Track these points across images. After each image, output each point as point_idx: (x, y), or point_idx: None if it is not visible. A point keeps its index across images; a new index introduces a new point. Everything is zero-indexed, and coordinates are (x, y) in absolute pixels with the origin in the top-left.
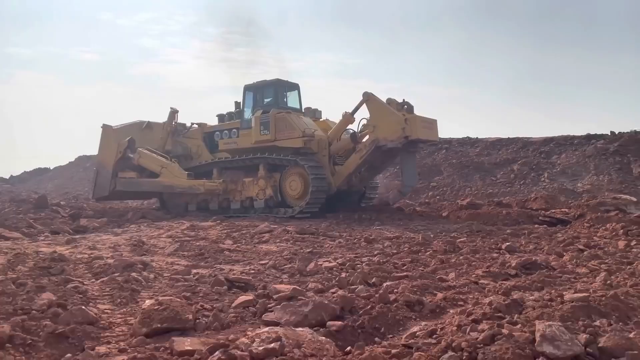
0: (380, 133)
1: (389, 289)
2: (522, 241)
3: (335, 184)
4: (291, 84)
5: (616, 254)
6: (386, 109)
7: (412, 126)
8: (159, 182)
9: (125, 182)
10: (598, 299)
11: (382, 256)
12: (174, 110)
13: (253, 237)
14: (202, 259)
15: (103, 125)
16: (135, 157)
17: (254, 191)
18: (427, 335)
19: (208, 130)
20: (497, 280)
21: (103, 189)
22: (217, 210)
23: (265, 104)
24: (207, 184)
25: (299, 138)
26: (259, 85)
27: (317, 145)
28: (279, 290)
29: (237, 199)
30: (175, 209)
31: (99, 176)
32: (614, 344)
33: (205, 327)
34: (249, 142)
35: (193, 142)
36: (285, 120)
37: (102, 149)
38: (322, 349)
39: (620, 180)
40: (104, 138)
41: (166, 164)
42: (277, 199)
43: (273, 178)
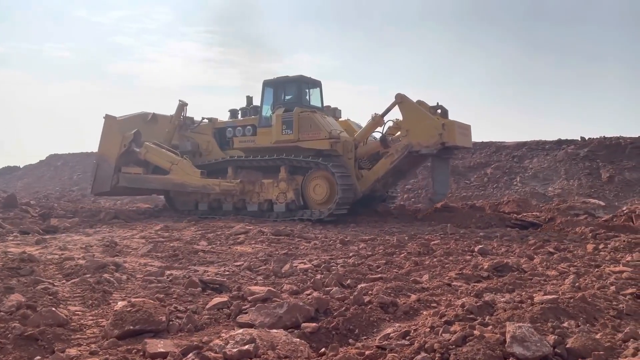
0: (414, 138)
1: (363, 290)
2: (495, 244)
3: (361, 189)
4: (314, 80)
5: (584, 257)
6: (421, 113)
7: (449, 132)
8: (169, 179)
9: (129, 177)
10: (566, 301)
11: (357, 258)
12: (183, 103)
13: (228, 238)
14: (176, 260)
15: (106, 115)
16: (142, 152)
17: (274, 194)
18: (400, 337)
19: (219, 126)
20: (469, 282)
21: (104, 184)
22: (231, 211)
23: (286, 101)
24: (223, 184)
25: (325, 139)
26: (280, 81)
27: (343, 147)
28: (254, 291)
29: (255, 200)
30: (184, 208)
31: (99, 170)
32: (581, 344)
33: (179, 328)
34: (268, 141)
35: (202, 137)
36: (310, 120)
37: (104, 141)
38: (296, 350)
39: (589, 184)
40: (107, 129)
41: (177, 160)
42: (300, 203)
43: (295, 181)
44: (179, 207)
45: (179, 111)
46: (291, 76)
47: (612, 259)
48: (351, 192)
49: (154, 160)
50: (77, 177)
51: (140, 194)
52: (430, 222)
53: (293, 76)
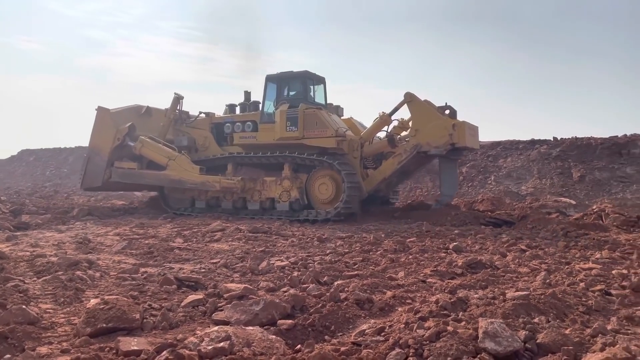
0: (423, 138)
1: (339, 287)
2: (469, 241)
3: (367, 188)
4: (318, 77)
5: (555, 254)
6: (432, 113)
7: (459, 132)
8: (166, 175)
9: (123, 172)
10: (538, 297)
11: (334, 255)
12: (179, 97)
13: (204, 235)
14: (151, 257)
15: (98, 107)
16: (137, 146)
17: (277, 192)
18: (375, 333)
19: (217, 121)
20: (444, 279)
21: (95, 178)
22: (230, 210)
23: (290, 97)
24: (223, 181)
25: (331, 137)
26: (284, 76)
27: (348, 146)
28: (230, 289)
29: (256, 199)
30: (179, 206)
31: (90, 164)
32: (551, 340)
33: (153, 326)
34: (271, 138)
35: (199, 132)
36: (316, 117)
37: (96, 134)
38: (272, 347)
39: (561, 184)
40: (99, 122)
41: (175, 155)
42: (304, 202)
43: (299, 179)
44: (174, 204)
45: (174, 105)
46: (296, 72)
47: (582, 256)
48: (358, 190)
49: (149, 155)
50: (50, 172)
51: (133, 189)
52: (406, 220)
53: (298, 72)
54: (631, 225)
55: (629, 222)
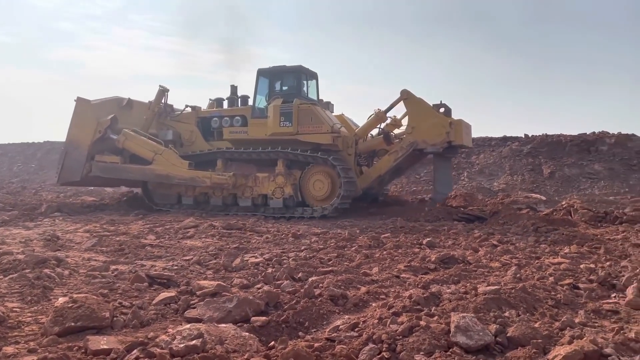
0: (420, 136)
1: (314, 283)
2: (442, 237)
3: (361, 185)
4: (312, 72)
5: (526, 249)
6: (429, 111)
7: (456, 131)
8: (152, 170)
9: (104, 167)
10: (508, 291)
11: (309, 251)
12: (164, 89)
13: (177, 232)
14: (121, 254)
15: (78, 98)
16: (120, 139)
17: (270, 188)
18: (349, 329)
19: (204, 115)
20: (417, 274)
21: (73, 173)
22: (220, 207)
23: (283, 92)
24: (214, 177)
25: (327, 133)
26: (277, 70)
27: (343, 142)
28: (203, 286)
29: (248, 195)
30: (164, 202)
31: (68, 158)
32: (521, 333)
33: (123, 325)
34: (263, 133)
35: (185, 127)
36: (311, 113)
37: (75, 126)
38: (245, 344)
39: (532, 180)
40: (79, 114)
41: (161, 150)
42: (298, 199)
43: (293, 175)
44: (159, 200)
45: (159, 97)
46: (289, 66)
47: (551, 251)
48: (354, 186)
49: (133, 148)
50: (17, 168)
51: (114, 184)
52: (381, 216)
53: (291, 66)
54: (599, 221)
55: (596, 217)
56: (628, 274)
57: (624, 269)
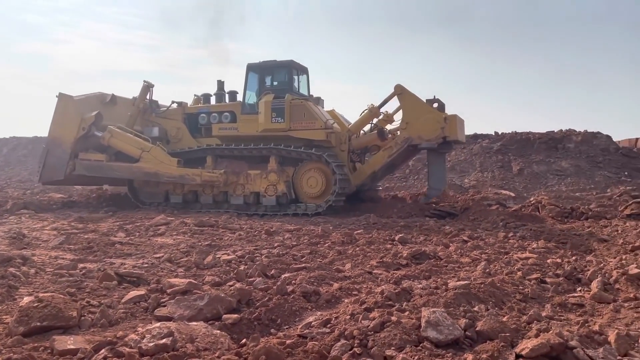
0: (415, 131)
1: (286, 280)
2: (414, 233)
3: (355, 182)
4: (302, 67)
5: (495, 245)
6: (423, 106)
7: (451, 126)
8: (139, 168)
9: (89, 165)
10: (478, 286)
11: (282, 248)
12: (149, 84)
13: (148, 229)
14: (90, 252)
15: (60, 94)
16: (106, 136)
17: (262, 186)
18: (321, 325)
19: (191, 111)
20: (389, 270)
21: (56, 171)
22: (210, 205)
23: (274, 87)
24: (205, 174)
25: (320, 129)
26: (267, 65)
27: (336, 138)
28: (173, 284)
29: (239, 193)
30: (151, 200)
31: (50, 156)
32: (489, 327)
33: (91, 324)
34: (254, 130)
35: (171, 123)
36: (304, 109)
37: (57, 122)
38: (216, 342)
39: (501, 177)
40: (61, 110)
41: (149, 147)
42: (291, 196)
43: (286, 172)
44: (145, 198)
45: (144, 93)
46: (280, 61)
47: (519, 246)
48: (348, 182)
49: (119, 146)
50: None
51: (99, 183)
52: (354, 212)
53: (282, 61)
54: (565, 217)
55: (563, 213)
56: (593, 269)
57: (589, 264)
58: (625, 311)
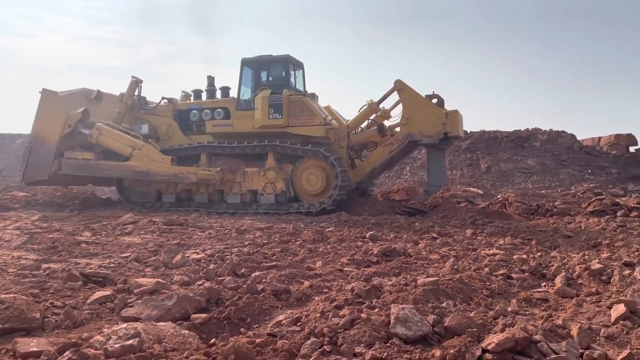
0: (415, 127)
1: (257, 279)
2: (385, 230)
3: (355, 179)
4: (298, 62)
5: (463, 241)
6: (424, 101)
7: (452, 121)
8: (130, 167)
9: (76, 164)
10: (446, 282)
11: (253, 246)
12: (137, 80)
13: (115, 228)
14: (54, 252)
15: (43, 90)
16: (93, 134)
17: (260, 184)
18: (292, 323)
19: (182, 108)
20: (360, 267)
21: (40, 171)
22: (205, 204)
23: (270, 82)
24: (200, 172)
25: (319, 126)
26: (263, 60)
27: (334, 135)
28: (141, 284)
29: (236, 191)
30: (142, 200)
31: (33, 154)
32: (457, 323)
33: (55, 326)
34: (250, 126)
35: (161, 120)
36: (302, 104)
37: (41, 120)
38: (184, 342)
39: (470, 174)
40: (45, 107)
41: (140, 144)
42: (290, 194)
43: (284, 170)
44: (136, 198)
45: (132, 89)
46: (276, 55)
47: (487, 242)
48: (348, 182)
49: (108, 144)
50: None
51: (85, 182)
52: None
53: (279, 56)
54: (531, 213)
55: (529, 210)
56: (557, 264)
57: (553, 259)
58: (587, 305)
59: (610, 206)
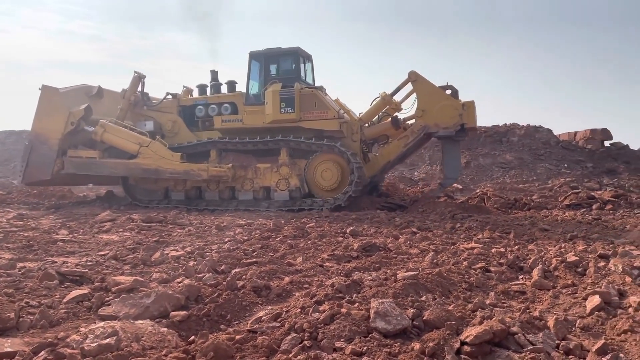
0: (431, 119)
1: (237, 275)
2: (365, 225)
3: (368, 174)
4: (307, 54)
5: (443, 236)
6: (440, 93)
7: (469, 113)
8: (138, 165)
9: (80, 163)
10: (425, 276)
11: (233, 243)
12: (140, 76)
13: (92, 226)
14: (30, 251)
15: (44, 86)
16: (98, 131)
17: (273, 180)
18: (272, 319)
19: (187, 103)
20: (340, 262)
21: (42, 170)
22: (216, 201)
23: (280, 76)
24: (212, 169)
25: (333, 119)
26: (272, 53)
27: (347, 128)
28: (119, 282)
29: (248, 188)
30: (149, 198)
31: (34, 154)
32: (436, 316)
33: (30, 325)
34: (260, 121)
35: (166, 116)
36: (314, 98)
37: (41, 117)
38: (163, 340)
39: None
40: (46, 104)
41: (147, 141)
42: (305, 190)
43: (298, 165)
44: (142, 196)
45: (135, 85)
46: (286, 48)
47: (466, 236)
48: (364, 176)
49: (114, 141)
50: None
51: (89, 182)
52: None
53: (289, 48)
54: (509, 207)
55: (507, 204)
56: (534, 257)
57: (530, 252)
58: (564, 297)
59: (586, 200)
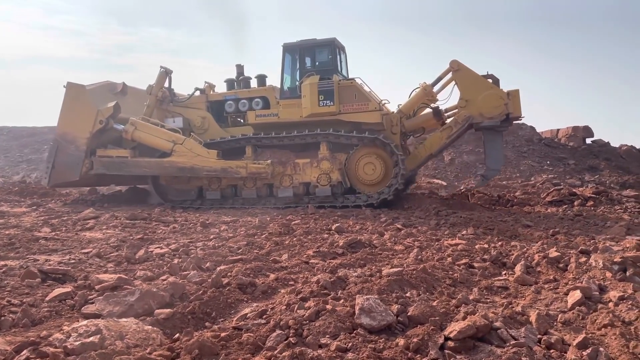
0: (476, 109)
1: (222, 273)
2: (350, 222)
3: (410, 166)
4: (342, 45)
5: (427, 232)
6: (484, 82)
7: (514, 102)
8: (173, 163)
9: (110, 162)
10: (410, 272)
11: (218, 240)
12: (167, 71)
13: (75, 223)
14: (11, 249)
15: (69, 83)
16: (129, 129)
17: (314, 175)
18: (257, 316)
19: (215, 99)
20: (325, 259)
21: (70, 171)
22: (254, 199)
23: (316, 68)
24: (251, 166)
25: (375, 111)
26: (307, 45)
27: (387, 120)
28: (102, 280)
29: (287, 184)
30: (182, 198)
31: (61, 154)
32: (420, 312)
33: (12, 324)
34: (297, 115)
35: (195, 112)
36: (354, 90)
37: (68, 116)
38: (147, 338)
39: (434, 166)
40: (72, 102)
41: (181, 139)
42: (347, 185)
43: (338, 160)
44: (174, 197)
45: (161, 80)
46: (322, 39)
47: (450, 233)
48: (406, 169)
49: (146, 139)
50: None
51: (118, 182)
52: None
53: (325, 39)
54: (493, 204)
55: (491, 200)
56: (517, 253)
57: (513, 248)
58: (546, 292)
59: (568, 196)
